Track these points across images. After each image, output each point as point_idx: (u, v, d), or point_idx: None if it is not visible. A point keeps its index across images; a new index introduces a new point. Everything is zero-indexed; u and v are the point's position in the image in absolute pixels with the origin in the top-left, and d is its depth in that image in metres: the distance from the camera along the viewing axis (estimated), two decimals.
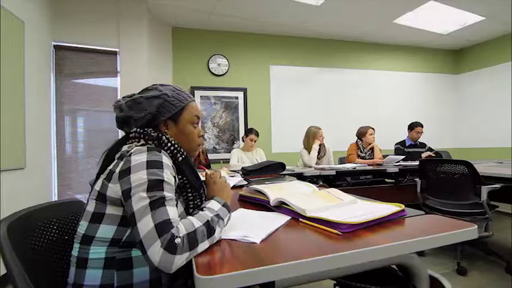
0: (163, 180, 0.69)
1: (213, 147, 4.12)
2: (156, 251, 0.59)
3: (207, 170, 0.93)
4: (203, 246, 0.63)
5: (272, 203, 1.01)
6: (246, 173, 2.37)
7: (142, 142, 0.83)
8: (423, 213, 0.91)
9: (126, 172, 0.71)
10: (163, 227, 0.61)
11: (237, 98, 4.24)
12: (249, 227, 0.82)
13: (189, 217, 0.68)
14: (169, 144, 0.85)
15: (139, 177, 0.68)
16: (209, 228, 0.66)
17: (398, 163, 2.98)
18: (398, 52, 5.10)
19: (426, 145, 3.81)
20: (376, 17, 3.96)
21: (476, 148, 5.15)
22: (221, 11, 3.65)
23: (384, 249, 0.64)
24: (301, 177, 2.58)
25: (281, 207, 0.98)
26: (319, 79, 4.66)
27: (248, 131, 3.28)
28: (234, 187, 1.66)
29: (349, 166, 2.76)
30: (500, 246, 2.69)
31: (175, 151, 0.85)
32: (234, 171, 2.28)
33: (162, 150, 0.78)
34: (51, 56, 3.08)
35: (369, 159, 3.50)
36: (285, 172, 2.59)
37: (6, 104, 2.15)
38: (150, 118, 0.90)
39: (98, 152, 2.33)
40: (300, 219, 0.87)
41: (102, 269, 0.72)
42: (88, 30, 3.21)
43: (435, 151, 3.72)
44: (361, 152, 3.59)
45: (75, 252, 0.75)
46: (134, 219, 0.64)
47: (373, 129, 3.61)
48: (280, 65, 4.48)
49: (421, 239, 0.69)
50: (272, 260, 0.58)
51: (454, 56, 5.48)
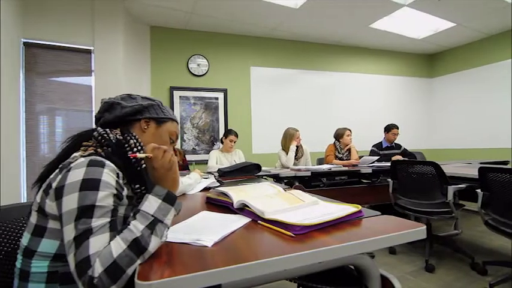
0: (94, 205, 0.64)
1: (193, 148, 4.08)
2: None
3: (148, 145, 0.78)
4: (133, 267, 0.59)
5: (235, 205, 1.01)
6: (221, 174, 2.36)
7: (91, 151, 0.75)
8: (379, 213, 0.94)
9: (60, 192, 0.66)
10: (81, 268, 0.58)
11: (217, 98, 4.22)
12: (205, 230, 0.81)
13: (112, 241, 0.61)
14: (135, 149, 0.81)
15: (70, 203, 0.64)
16: (137, 247, 0.60)
17: (373, 164, 3.05)
18: (375, 56, 5.23)
19: (401, 146, 3.92)
20: (353, 21, 4.05)
21: (449, 149, 5.36)
22: (200, 11, 3.62)
23: (333, 251, 0.65)
24: (277, 178, 2.59)
25: (244, 209, 0.98)
26: (299, 81, 4.71)
27: (227, 132, 3.26)
28: (206, 189, 1.65)
29: (324, 167, 2.80)
30: (468, 243, 2.80)
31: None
32: (210, 173, 2.26)
33: (107, 163, 0.71)
34: (20, 53, 2.95)
35: (346, 160, 3.57)
36: (261, 173, 2.60)
37: None
38: (137, 109, 0.87)
39: None
40: (258, 221, 0.87)
41: (44, 283, 0.68)
42: (61, 27, 3.10)
43: (409, 152, 3.83)
44: (339, 152, 3.65)
45: (18, 264, 0.71)
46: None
47: (350, 130, 3.68)
48: (260, 67, 4.50)
49: (370, 239, 0.70)
50: (218, 263, 0.57)
51: (428, 60, 5.69)
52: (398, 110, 5.38)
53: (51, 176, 0.73)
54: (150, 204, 0.68)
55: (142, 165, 0.80)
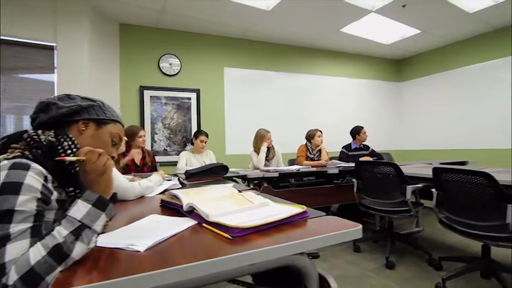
0: (13, 210, 0.61)
1: (164, 149, 4.00)
2: None
3: (82, 148, 0.75)
4: (54, 275, 0.57)
5: (184, 207, 1.00)
6: (188, 176, 2.34)
7: (17, 153, 0.71)
8: (324, 214, 0.96)
9: None
10: None
11: (189, 99, 4.16)
12: (144, 234, 0.80)
13: (32, 248, 0.59)
14: (69, 151, 0.78)
15: None
16: (58, 254, 0.58)
17: (340, 165, 3.13)
18: (347, 59, 5.38)
19: (369, 147, 4.05)
20: (324, 25, 4.14)
21: (416, 150, 5.61)
22: (171, 10, 3.56)
23: (265, 252, 0.66)
24: (245, 179, 2.60)
25: (192, 212, 0.97)
26: (273, 82, 4.75)
27: (197, 133, 3.23)
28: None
29: (293, 168, 2.84)
30: (428, 240, 2.94)
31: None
32: (175, 175, 2.22)
33: (33, 166, 0.68)
34: None
35: (317, 160, 3.65)
36: (230, 174, 2.59)
37: None
38: (74, 109, 0.83)
39: None
40: (203, 224, 0.87)
41: None
42: (22, 23, 2.95)
43: (377, 153, 3.96)
44: (310, 153, 3.72)
45: None
46: None
47: (321, 132, 3.76)
48: (234, 68, 4.49)
49: (304, 240, 0.72)
50: (145, 268, 0.56)
51: (397, 65, 5.93)
52: (369, 112, 5.56)
53: None
54: (79, 209, 0.66)
55: (76, 168, 0.77)
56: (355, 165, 2.64)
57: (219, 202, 0.99)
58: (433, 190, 2.07)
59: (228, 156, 4.33)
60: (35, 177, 0.66)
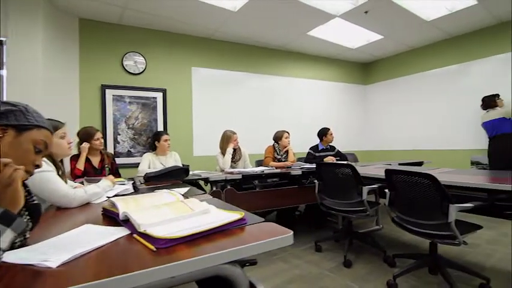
0: None
1: (128, 151, 3.87)
2: None
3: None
4: None
5: (120, 216, 0.97)
6: (146, 179, 2.27)
7: None
8: (262, 220, 0.96)
9: None
10: None
11: (155, 98, 4.05)
12: (64, 247, 0.75)
13: None
14: None
15: None
16: None
17: (303, 166, 3.18)
18: (315, 62, 5.50)
19: (335, 148, 4.16)
20: (292, 28, 4.20)
21: (381, 151, 5.85)
22: (135, 7, 3.45)
23: (187, 264, 0.65)
24: (208, 182, 2.57)
25: (128, 221, 0.94)
26: (242, 83, 4.75)
27: (158, 134, 3.10)
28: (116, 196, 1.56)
29: (257, 170, 2.85)
30: (386, 238, 3.07)
31: None
32: (131, 179, 2.15)
33: None
34: None
35: (284, 161, 3.69)
36: (192, 177, 2.55)
37: None
38: None
39: None
40: (133, 235, 0.84)
41: None
42: None
43: (342, 154, 4.08)
44: (277, 154, 3.75)
45: None
46: None
47: (288, 133, 3.80)
48: (202, 68, 4.43)
49: (230, 250, 0.71)
50: (49, 286, 0.53)
51: (363, 68, 6.15)
52: (337, 114, 5.72)
53: None
54: None
55: None
56: (316, 166, 2.70)
57: (157, 210, 0.97)
58: (386, 190, 2.17)
59: (196, 158, 4.28)
60: None
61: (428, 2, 3.54)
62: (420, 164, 3.84)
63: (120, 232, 0.88)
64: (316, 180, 2.71)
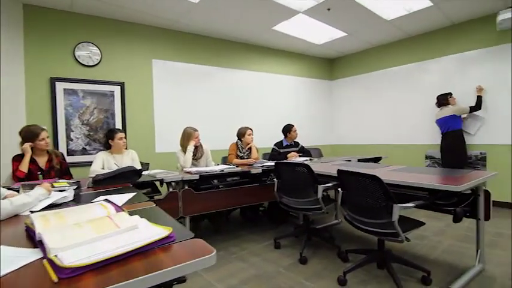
0: None
1: (82, 148, 3.65)
2: None
3: None
4: None
5: (36, 236, 0.89)
6: (94, 182, 2.15)
7: None
8: (192, 235, 0.94)
9: None
10: None
11: (112, 92, 3.84)
12: None
13: None
14: None
15: None
16: None
17: (263, 164, 3.18)
18: (281, 57, 5.49)
19: (299, 144, 4.21)
20: (256, 22, 4.13)
21: (345, 145, 6.03)
22: None
23: None
24: (163, 183, 2.49)
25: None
26: (207, 77, 4.63)
27: (112, 132, 2.88)
28: (52, 206, 1.45)
29: (216, 169, 2.81)
30: (344, 233, 3.18)
31: None
32: (76, 182, 2.01)
33: None
34: None
35: (247, 158, 3.67)
36: (146, 178, 2.46)
37: None
38: None
39: None
40: (43, 260, 0.77)
41: None
42: None
43: (306, 149, 4.14)
44: (240, 151, 3.73)
45: None
46: None
47: (251, 129, 3.77)
48: (164, 60, 4.25)
49: (145, 277, 0.68)
50: None
51: (329, 64, 6.25)
52: (303, 109, 5.78)
53: None
54: None
55: None
56: (274, 165, 2.71)
57: (78, 229, 0.90)
58: (339, 189, 2.23)
59: (158, 155, 4.14)
60: None
61: (388, 1, 3.63)
62: (378, 159, 4.00)
63: (34, 256, 0.81)
64: (275, 179, 2.72)
